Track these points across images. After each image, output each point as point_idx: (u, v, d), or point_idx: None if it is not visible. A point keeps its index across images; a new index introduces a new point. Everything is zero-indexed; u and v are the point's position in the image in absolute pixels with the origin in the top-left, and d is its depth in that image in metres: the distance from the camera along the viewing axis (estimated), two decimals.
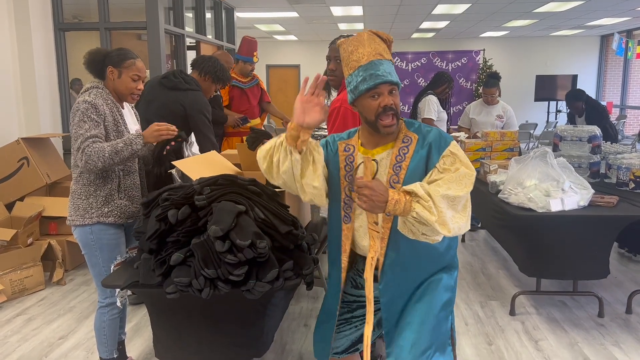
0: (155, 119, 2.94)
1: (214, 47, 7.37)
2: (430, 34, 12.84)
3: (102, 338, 2.46)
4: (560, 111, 12.10)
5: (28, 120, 4.83)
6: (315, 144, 1.68)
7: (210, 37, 7.39)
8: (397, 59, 10.57)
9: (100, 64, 2.35)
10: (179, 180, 2.53)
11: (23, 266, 3.75)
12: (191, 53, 6.66)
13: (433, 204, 1.52)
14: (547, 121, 11.37)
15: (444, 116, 4.89)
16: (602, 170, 3.90)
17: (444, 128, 4.92)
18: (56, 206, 4.18)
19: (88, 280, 4.02)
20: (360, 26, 11.24)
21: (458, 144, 1.71)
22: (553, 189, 3.01)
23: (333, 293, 1.85)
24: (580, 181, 3.14)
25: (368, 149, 1.74)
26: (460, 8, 8.94)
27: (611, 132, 5.18)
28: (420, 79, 10.65)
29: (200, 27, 7.03)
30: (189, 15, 6.90)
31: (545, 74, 12.59)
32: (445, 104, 4.93)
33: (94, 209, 2.31)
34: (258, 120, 4.83)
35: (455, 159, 1.63)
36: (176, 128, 2.43)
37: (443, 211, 1.53)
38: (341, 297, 1.82)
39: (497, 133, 4.17)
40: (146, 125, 2.40)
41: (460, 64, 10.60)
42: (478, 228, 5.27)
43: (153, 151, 2.53)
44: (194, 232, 1.82)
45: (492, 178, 3.48)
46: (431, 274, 1.76)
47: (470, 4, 8.57)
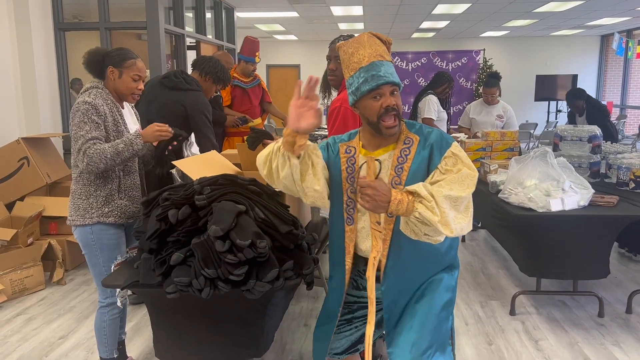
0: (156, 119, 2.94)
1: (214, 47, 7.37)
2: (430, 34, 12.84)
3: (103, 338, 2.46)
4: (560, 111, 12.10)
5: (28, 120, 4.83)
6: (313, 147, 1.65)
7: (210, 37, 7.39)
8: (397, 59, 10.57)
9: (99, 64, 2.35)
10: (179, 180, 2.53)
11: (23, 266, 3.75)
12: (191, 53, 6.66)
13: (436, 204, 1.52)
14: (547, 121, 11.37)
15: (444, 116, 4.89)
16: (602, 170, 3.90)
17: (444, 128, 4.92)
18: (56, 206, 4.18)
19: (88, 280, 4.02)
20: (360, 26, 11.24)
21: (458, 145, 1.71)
22: (553, 189, 3.01)
23: (335, 294, 1.84)
24: (580, 181, 3.14)
25: (369, 151, 1.73)
26: (460, 8, 8.94)
27: (612, 131, 5.19)
28: (420, 79, 10.66)
29: (200, 27, 7.03)
30: (189, 15, 6.91)
31: (545, 74, 12.59)
32: (445, 104, 4.93)
33: (94, 209, 2.31)
34: (259, 120, 4.84)
35: (457, 160, 1.63)
36: (176, 128, 2.43)
37: (445, 211, 1.53)
38: (344, 299, 1.82)
39: (497, 133, 4.17)
40: (146, 125, 2.40)
41: (460, 64, 10.61)
42: (478, 228, 5.27)
43: (155, 152, 2.53)
44: (194, 232, 1.82)
45: (492, 178, 3.48)
46: (432, 275, 1.76)
47: (470, 4, 8.57)
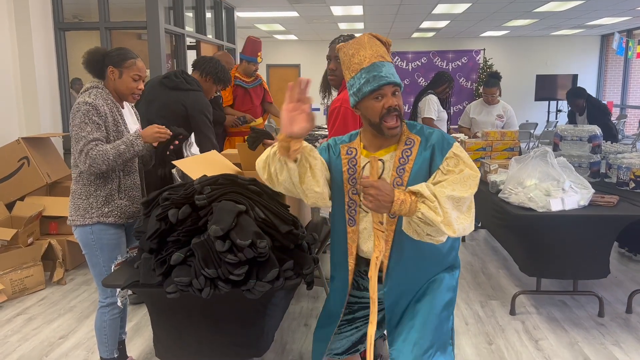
0: (156, 119, 2.94)
1: (214, 47, 7.37)
2: (430, 34, 12.83)
3: (103, 338, 2.46)
4: (560, 111, 12.10)
5: (28, 119, 4.83)
6: (310, 149, 1.62)
7: (210, 37, 7.39)
8: (397, 59, 10.58)
9: (99, 64, 2.35)
10: (180, 180, 2.53)
11: (23, 266, 3.75)
12: (191, 53, 6.66)
13: (439, 205, 1.52)
14: (548, 121, 11.36)
15: (444, 116, 4.89)
16: (603, 169, 3.90)
17: (444, 128, 4.92)
18: (56, 206, 4.18)
19: (88, 279, 4.02)
20: (360, 25, 11.24)
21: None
22: (553, 189, 3.01)
23: (338, 295, 1.84)
24: (580, 181, 3.14)
25: (371, 152, 1.73)
26: (460, 8, 8.94)
27: (613, 129, 5.19)
28: (420, 79, 10.66)
29: (200, 27, 7.03)
30: (189, 14, 6.90)
31: (545, 74, 12.58)
32: (445, 104, 4.93)
33: (94, 209, 2.31)
34: (260, 120, 4.85)
35: (458, 161, 1.63)
36: (175, 127, 2.43)
37: (448, 212, 1.53)
38: (347, 299, 1.82)
39: (498, 133, 4.17)
40: (146, 125, 2.40)
41: (460, 64, 10.62)
42: (478, 228, 5.27)
43: (155, 152, 2.52)
44: (195, 232, 1.82)
45: (493, 178, 3.48)
46: (434, 275, 1.77)
47: (470, 4, 8.56)
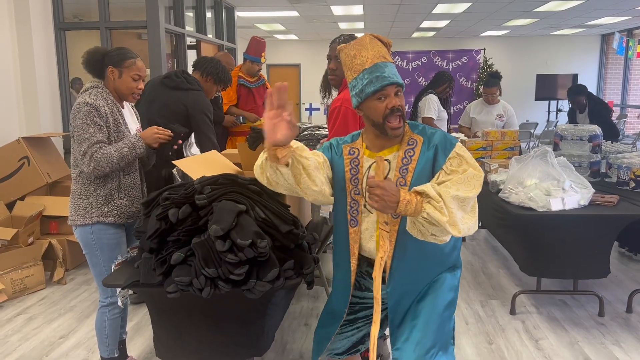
0: (157, 119, 2.94)
1: (215, 47, 7.37)
2: (430, 33, 12.83)
3: (103, 337, 2.46)
4: (560, 110, 12.09)
5: (28, 119, 4.83)
6: (300, 149, 1.60)
7: (210, 37, 7.39)
8: (398, 58, 10.57)
9: (99, 64, 2.35)
10: (180, 180, 2.53)
11: (24, 265, 3.75)
12: (191, 52, 6.67)
13: (444, 205, 1.52)
14: (548, 120, 11.36)
15: (445, 115, 4.89)
16: (603, 169, 3.90)
17: (445, 127, 4.92)
18: (57, 205, 4.18)
19: (89, 279, 4.02)
20: (360, 25, 11.24)
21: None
22: (553, 188, 3.01)
23: (341, 296, 1.84)
24: (580, 180, 3.14)
25: (373, 152, 1.73)
26: (460, 7, 8.93)
27: (615, 126, 5.20)
28: (420, 78, 10.65)
29: (200, 27, 7.03)
30: (190, 14, 6.90)
31: (545, 73, 12.58)
32: (445, 103, 4.93)
33: (94, 209, 2.31)
34: (263, 119, 4.88)
35: (462, 161, 1.63)
36: (177, 125, 2.43)
37: (453, 212, 1.53)
38: (350, 300, 1.82)
39: (498, 132, 4.17)
40: (147, 125, 2.40)
41: (460, 63, 10.61)
42: (479, 227, 5.26)
43: (158, 152, 2.51)
44: (195, 232, 1.82)
45: (493, 177, 3.48)
46: (436, 274, 1.77)
47: (470, 3, 8.56)
